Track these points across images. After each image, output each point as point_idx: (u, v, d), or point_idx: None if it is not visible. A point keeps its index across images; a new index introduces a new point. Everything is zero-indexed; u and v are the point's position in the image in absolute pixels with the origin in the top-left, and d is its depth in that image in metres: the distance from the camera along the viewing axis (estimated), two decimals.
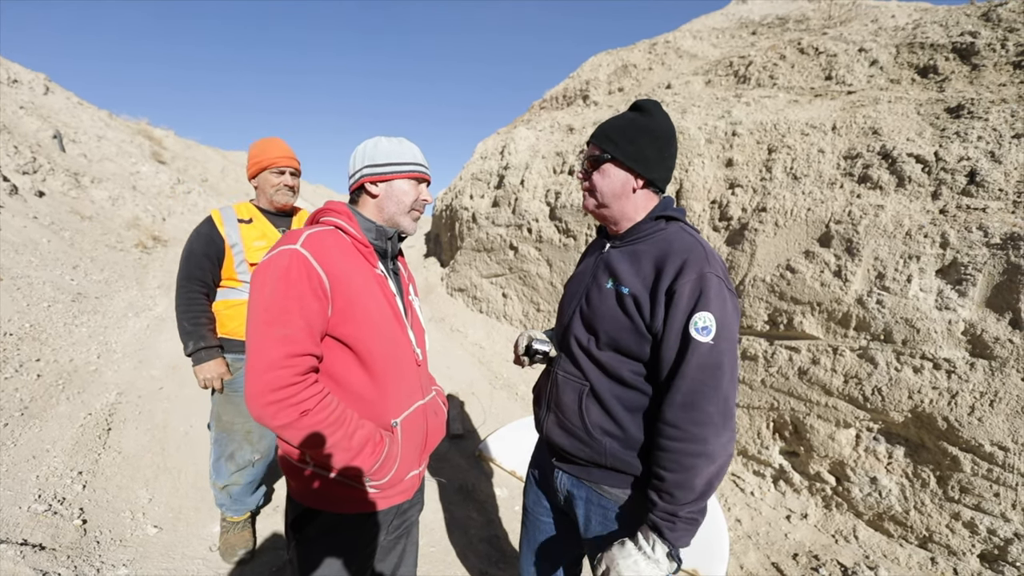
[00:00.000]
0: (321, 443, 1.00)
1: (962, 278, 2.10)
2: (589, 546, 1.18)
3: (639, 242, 1.12)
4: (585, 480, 1.16)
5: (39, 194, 6.45)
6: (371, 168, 1.16)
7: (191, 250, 1.88)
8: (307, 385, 0.99)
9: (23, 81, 9.59)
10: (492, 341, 4.73)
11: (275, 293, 0.98)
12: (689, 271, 0.99)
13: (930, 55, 3.39)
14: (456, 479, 2.73)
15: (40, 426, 2.68)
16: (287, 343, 0.96)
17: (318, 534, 1.13)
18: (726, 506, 2.60)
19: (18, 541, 1.91)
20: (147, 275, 5.86)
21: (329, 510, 1.11)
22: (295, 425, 0.97)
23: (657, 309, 1.01)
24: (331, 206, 1.17)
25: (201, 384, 1.88)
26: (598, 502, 1.14)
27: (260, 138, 1.98)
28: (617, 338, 1.07)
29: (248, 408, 0.96)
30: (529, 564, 1.36)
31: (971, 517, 2.01)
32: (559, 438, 1.18)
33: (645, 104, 1.13)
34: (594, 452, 1.11)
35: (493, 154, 5.58)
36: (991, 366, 1.98)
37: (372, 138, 1.22)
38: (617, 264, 1.12)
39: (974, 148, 2.33)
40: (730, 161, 3.21)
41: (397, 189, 1.18)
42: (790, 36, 4.68)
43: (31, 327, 3.64)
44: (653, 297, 1.02)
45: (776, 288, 2.64)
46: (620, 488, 1.11)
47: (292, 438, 0.99)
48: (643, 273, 1.06)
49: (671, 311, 0.99)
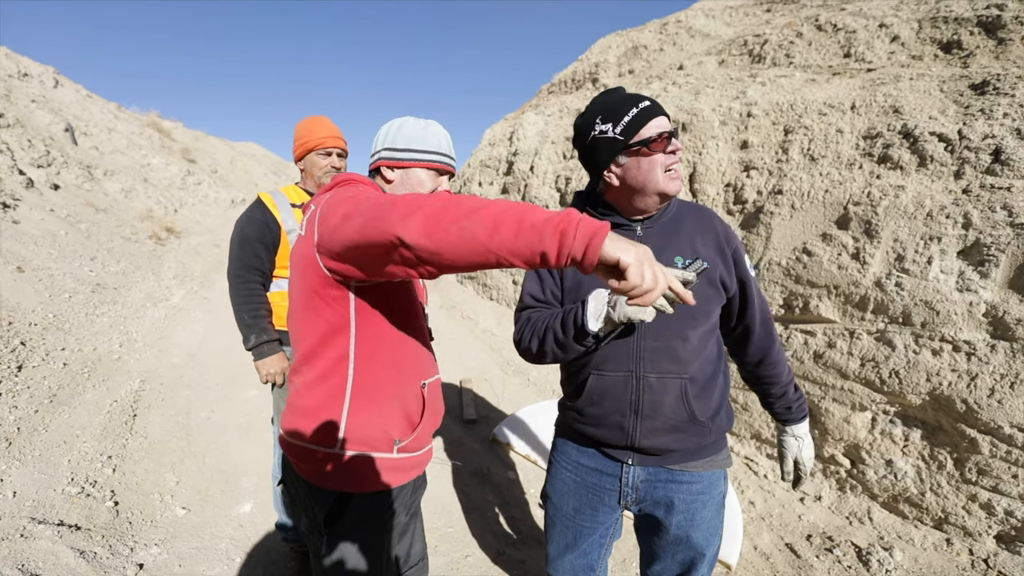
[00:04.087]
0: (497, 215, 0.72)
1: (984, 259, 2.06)
2: (670, 526, 1.15)
3: (664, 215, 1.12)
4: (667, 466, 1.13)
5: (54, 187, 6.54)
6: (390, 152, 1.10)
7: (244, 236, 1.75)
8: None
9: (33, 75, 9.66)
10: (503, 328, 4.75)
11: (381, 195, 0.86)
12: (727, 226, 1.16)
13: (954, 29, 3.27)
14: (471, 463, 2.78)
15: (69, 412, 2.77)
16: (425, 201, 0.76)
17: (355, 523, 1.03)
18: (740, 488, 2.62)
19: (55, 522, 1.99)
20: (162, 266, 5.95)
21: (364, 490, 1.03)
22: (471, 204, 0.72)
23: (731, 268, 1.13)
24: (353, 176, 1.07)
25: (263, 379, 1.78)
26: (678, 479, 1.14)
27: (305, 117, 1.88)
28: (710, 312, 1.11)
29: (396, 229, 0.72)
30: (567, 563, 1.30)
31: (988, 499, 2.01)
32: (662, 440, 1.09)
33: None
34: (700, 437, 1.11)
35: (502, 140, 5.54)
36: (1012, 348, 1.95)
37: (400, 118, 1.15)
38: (674, 242, 1.09)
39: (999, 125, 2.27)
40: (745, 143, 3.15)
41: (414, 179, 1.10)
42: (807, 12, 4.54)
43: (54, 317, 3.74)
44: (725, 259, 1.12)
45: (792, 272, 2.61)
46: (707, 457, 1.16)
47: (478, 223, 0.70)
48: (708, 242, 1.12)
49: (739, 265, 1.13)
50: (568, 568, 1.29)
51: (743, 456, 2.82)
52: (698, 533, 1.16)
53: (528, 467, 2.81)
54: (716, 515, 1.19)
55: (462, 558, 2.13)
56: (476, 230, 0.69)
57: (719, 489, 1.18)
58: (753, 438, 2.83)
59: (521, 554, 2.17)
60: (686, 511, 1.14)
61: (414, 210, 0.73)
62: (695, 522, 1.15)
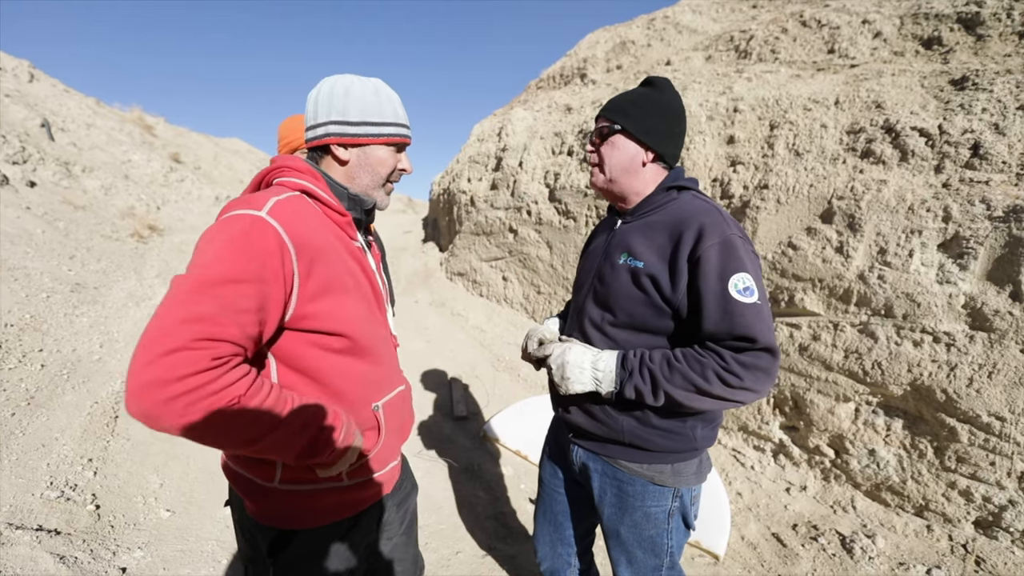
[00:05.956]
0: (260, 429, 0.75)
1: (963, 252, 2.10)
2: (603, 516, 1.21)
3: (651, 214, 1.11)
4: (601, 455, 1.18)
5: (30, 184, 6.36)
6: (341, 126, 0.91)
7: None
8: (230, 368, 0.73)
9: (7, 68, 9.37)
10: (493, 324, 4.74)
11: (221, 261, 0.73)
12: (710, 236, 0.97)
13: (934, 26, 3.33)
14: (462, 459, 2.77)
15: (47, 415, 2.70)
16: (210, 323, 0.70)
17: (303, 555, 0.94)
18: (727, 480, 2.65)
19: (33, 527, 1.94)
20: (145, 265, 5.83)
21: (309, 527, 0.93)
22: (221, 415, 0.70)
23: (678, 279, 1.00)
24: (286, 163, 0.92)
25: None
26: (613, 475, 1.16)
27: (289, 116, 1.82)
28: (633, 313, 1.07)
29: (130, 407, 0.66)
30: (544, 533, 1.40)
31: (967, 486, 2.06)
32: (576, 416, 1.18)
33: (657, 80, 1.13)
34: (611, 430, 1.12)
35: (490, 136, 5.51)
36: (990, 338, 2.00)
37: (340, 78, 0.93)
38: (630, 239, 1.10)
39: (978, 120, 2.31)
40: (731, 138, 3.17)
41: (373, 157, 0.95)
42: (792, 8, 4.58)
43: (31, 318, 3.64)
44: (672, 267, 1.01)
45: (778, 265, 2.64)
46: (636, 462, 1.12)
47: (218, 433, 0.72)
48: (658, 244, 1.04)
49: (700, 278, 0.96)
50: (547, 540, 1.40)
51: (730, 448, 2.86)
52: (628, 533, 1.17)
53: (518, 462, 2.81)
54: (654, 529, 1.14)
55: (453, 554, 2.12)
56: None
57: (660, 505, 1.13)
58: (740, 430, 2.86)
59: (512, 549, 2.17)
60: (618, 505, 1.16)
61: None
62: (625, 522, 1.16)
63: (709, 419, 1.12)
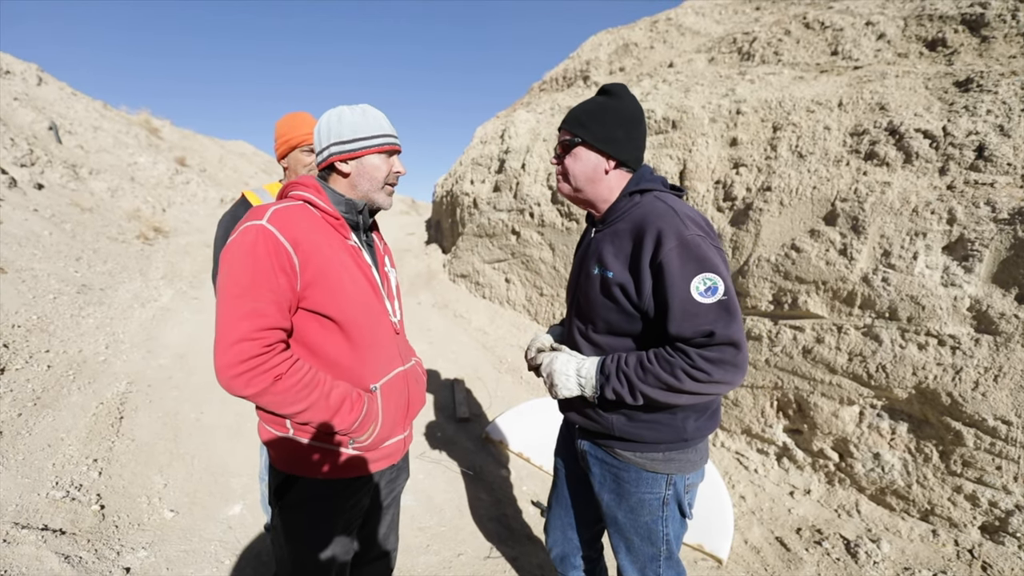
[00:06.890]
0: (299, 404, 1.03)
1: (969, 254, 2.09)
2: (603, 503, 1.28)
3: (618, 221, 1.15)
4: (600, 444, 1.25)
5: (38, 187, 6.42)
6: (339, 146, 1.12)
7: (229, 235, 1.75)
8: (276, 353, 1.01)
9: (15, 72, 9.47)
10: (496, 326, 4.74)
11: (243, 269, 0.99)
12: (668, 239, 1.01)
13: (939, 27, 3.31)
14: (464, 461, 2.77)
15: (53, 415, 2.73)
16: (256, 316, 0.98)
17: (300, 500, 1.16)
18: (730, 483, 2.64)
19: (39, 526, 1.96)
20: (150, 266, 5.87)
21: (309, 476, 1.13)
22: (270, 391, 0.99)
23: (643, 285, 1.05)
24: (301, 180, 1.16)
25: None
26: (610, 463, 1.23)
27: (286, 114, 1.86)
28: (609, 320, 1.14)
29: (219, 381, 0.97)
30: (556, 517, 1.46)
31: (973, 490, 2.04)
32: (574, 415, 1.28)
33: (613, 88, 1.16)
34: (602, 427, 1.20)
35: (493, 138, 5.52)
36: (996, 341, 1.98)
37: (333, 110, 1.16)
38: (602, 248, 1.16)
39: (983, 122, 2.30)
40: (734, 140, 3.17)
41: (368, 165, 1.15)
42: (795, 10, 4.57)
43: (38, 319, 3.67)
44: (635, 274, 1.06)
45: (781, 268, 2.63)
46: (629, 451, 1.19)
47: (270, 403, 1.02)
48: (623, 252, 1.10)
49: (664, 284, 1.01)
50: (558, 524, 1.45)
51: (733, 451, 2.84)
52: (626, 519, 1.23)
53: (520, 464, 2.81)
54: (650, 516, 1.20)
55: (455, 556, 2.12)
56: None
57: (653, 492, 1.18)
58: (743, 433, 2.85)
59: (513, 551, 2.17)
60: (615, 491, 1.23)
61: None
62: (622, 507, 1.23)
63: (702, 410, 1.16)
